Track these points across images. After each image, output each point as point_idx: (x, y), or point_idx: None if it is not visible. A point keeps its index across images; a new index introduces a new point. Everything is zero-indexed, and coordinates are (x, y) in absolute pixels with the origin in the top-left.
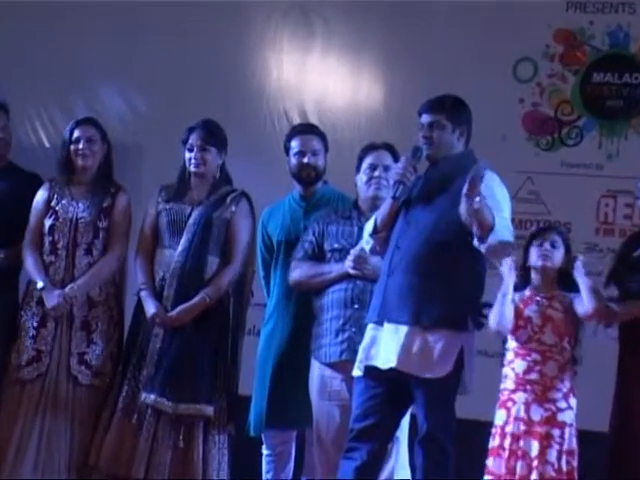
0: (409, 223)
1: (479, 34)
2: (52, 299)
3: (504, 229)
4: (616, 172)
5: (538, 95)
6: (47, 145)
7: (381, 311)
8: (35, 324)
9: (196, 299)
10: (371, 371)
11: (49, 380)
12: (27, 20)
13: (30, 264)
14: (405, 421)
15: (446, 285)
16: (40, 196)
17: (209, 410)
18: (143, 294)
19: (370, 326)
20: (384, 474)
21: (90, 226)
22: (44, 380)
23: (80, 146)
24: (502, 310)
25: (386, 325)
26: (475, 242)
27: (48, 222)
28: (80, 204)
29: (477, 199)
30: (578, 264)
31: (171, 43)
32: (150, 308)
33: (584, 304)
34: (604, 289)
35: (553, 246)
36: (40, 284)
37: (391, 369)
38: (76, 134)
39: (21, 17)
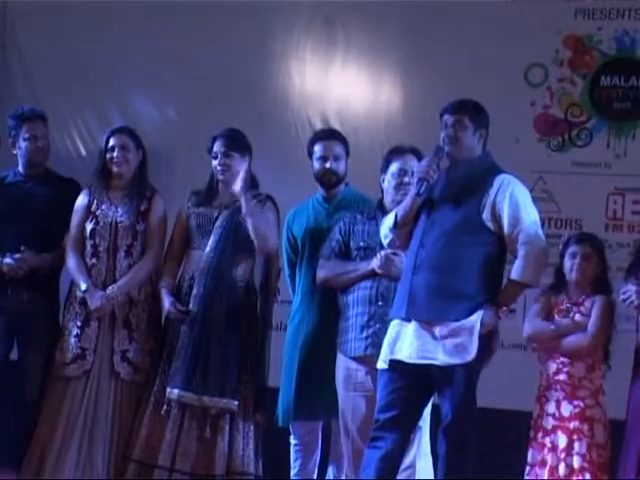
0: (434, 222)
1: (492, 41)
2: (95, 301)
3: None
4: (624, 171)
5: (549, 98)
6: (84, 153)
7: (408, 309)
8: (79, 323)
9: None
10: (395, 364)
11: (93, 377)
12: (64, 31)
13: (73, 266)
14: (427, 410)
15: (470, 282)
16: (80, 201)
17: (233, 405)
18: (163, 291)
19: (395, 321)
20: (406, 461)
21: (129, 229)
22: (88, 377)
23: (115, 154)
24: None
25: (413, 322)
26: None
27: (89, 226)
28: (119, 209)
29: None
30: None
31: (201, 54)
32: (165, 304)
33: None
34: (625, 283)
35: (585, 259)
36: (83, 286)
37: (414, 363)
38: (111, 142)
39: (58, 28)
